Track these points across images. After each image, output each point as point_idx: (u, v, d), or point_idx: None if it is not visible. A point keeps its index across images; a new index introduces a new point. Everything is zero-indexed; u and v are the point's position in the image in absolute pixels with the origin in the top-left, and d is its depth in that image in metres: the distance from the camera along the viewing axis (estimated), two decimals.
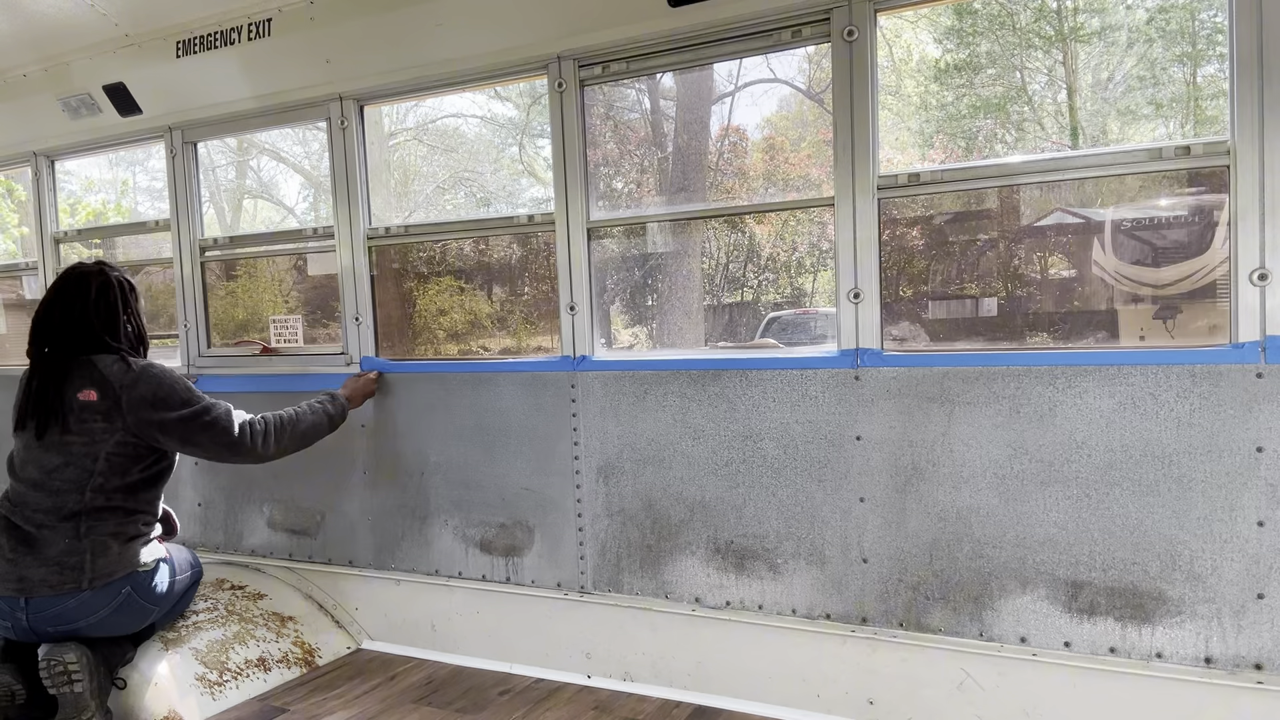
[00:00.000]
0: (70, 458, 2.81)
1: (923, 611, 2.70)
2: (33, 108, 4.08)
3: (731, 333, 10.69)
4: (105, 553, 2.79)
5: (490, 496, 3.36)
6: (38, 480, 2.83)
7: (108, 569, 2.78)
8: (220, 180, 19.19)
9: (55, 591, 2.72)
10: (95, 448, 2.82)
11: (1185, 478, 2.38)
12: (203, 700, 2.97)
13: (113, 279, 2.99)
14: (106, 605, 2.79)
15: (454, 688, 3.15)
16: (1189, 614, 2.40)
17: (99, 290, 2.95)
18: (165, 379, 2.91)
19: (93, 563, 2.76)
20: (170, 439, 2.90)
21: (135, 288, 3.07)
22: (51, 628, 2.77)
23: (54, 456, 2.82)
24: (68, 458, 2.81)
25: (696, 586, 3.02)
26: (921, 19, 13.37)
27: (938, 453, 2.64)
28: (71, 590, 2.73)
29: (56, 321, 2.93)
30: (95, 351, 2.91)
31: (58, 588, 2.72)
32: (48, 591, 2.72)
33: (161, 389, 2.88)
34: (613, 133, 11.37)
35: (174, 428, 2.87)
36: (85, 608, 2.76)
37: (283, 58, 3.47)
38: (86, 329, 2.91)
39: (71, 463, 2.81)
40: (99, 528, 2.80)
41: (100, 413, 2.83)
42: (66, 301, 2.93)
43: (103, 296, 2.95)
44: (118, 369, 2.87)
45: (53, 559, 2.74)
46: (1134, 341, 2.97)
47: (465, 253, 5.24)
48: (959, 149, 12.59)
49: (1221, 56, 12.05)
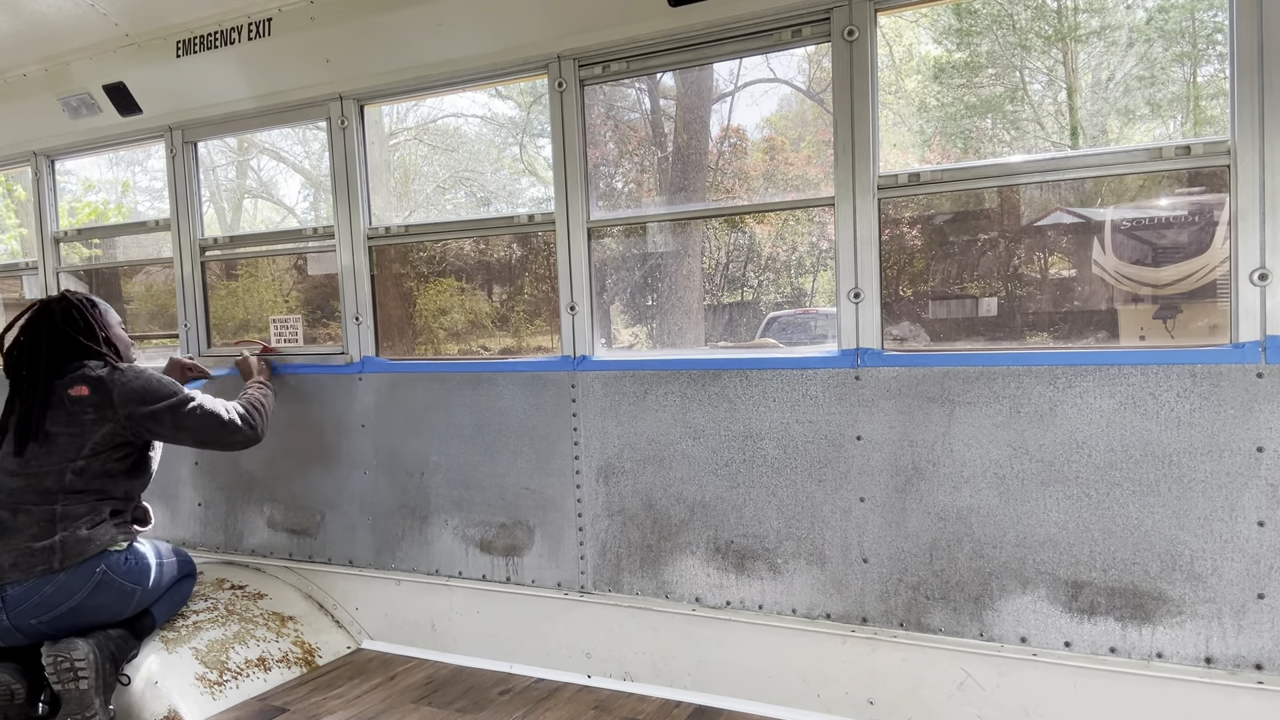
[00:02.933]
0: (56, 447, 2.92)
1: (923, 611, 2.70)
2: (33, 108, 4.08)
3: (732, 332, 10.69)
4: (74, 533, 2.86)
5: (490, 496, 3.36)
6: (13, 469, 2.93)
7: (78, 549, 2.84)
8: (220, 180, 19.19)
9: (28, 577, 2.77)
10: (82, 437, 2.94)
11: (1185, 478, 2.38)
12: (203, 700, 2.97)
13: (74, 300, 3.12)
14: (83, 586, 2.83)
15: (454, 687, 3.15)
16: (1189, 614, 2.40)
17: (63, 312, 3.08)
18: (153, 376, 3.09)
19: (63, 545, 2.83)
20: (162, 427, 3.04)
21: (98, 304, 3.20)
22: (35, 619, 2.78)
23: (41, 446, 2.93)
24: (53, 447, 2.92)
25: (697, 586, 3.02)
26: (921, 19, 13.38)
27: (938, 453, 2.64)
28: (44, 573, 2.79)
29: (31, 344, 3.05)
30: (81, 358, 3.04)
31: (28, 571, 2.78)
32: (19, 576, 2.78)
33: (150, 384, 3.05)
34: (613, 132, 11.37)
35: (165, 415, 3.02)
36: (62, 591, 2.80)
37: (283, 57, 3.47)
38: (67, 342, 3.04)
39: (55, 451, 2.91)
40: (73, 510, 2.88)
41: (92, 405, 2.95)
42: (33, 325, 3.07)
43: (68, 317, 3.08)
44: (107, 369, 3.03)
45: (23, 545, 2.81)
46: (1134, 341, 2.98)
47: (465, 252, 5.24)
48: (958, 149, 12.60)
49: (1221, 56, 12.05)
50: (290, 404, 3.71)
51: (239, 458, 3.83)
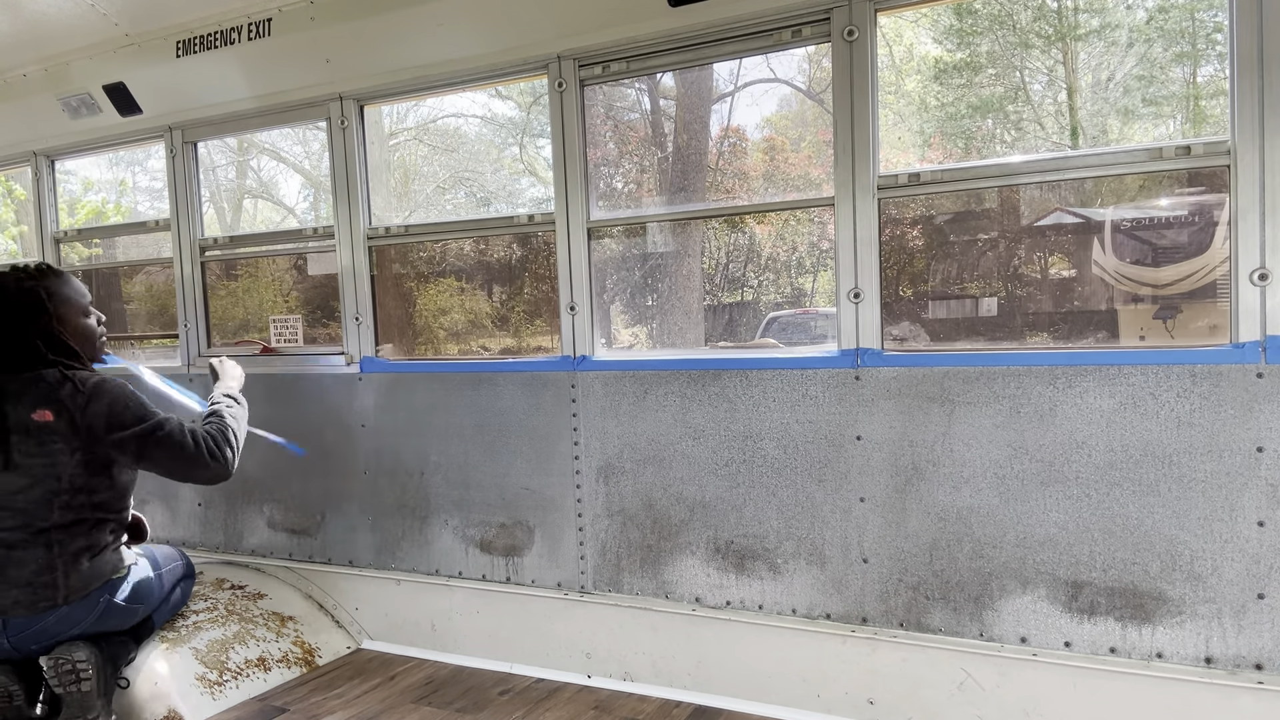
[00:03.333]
0: (34, 478, 2.72)
1: (923, 611, 2.70)
2: (33, 108, 4.08)
3: (731, 333, 10.69)
4: (77, 568, 2.74)
5: (490, 496, 3.36)
6: (2, 502, 2.74)
7: (81, 583, 2.75)
8: (220, 180, 19.19)
9: (31, 611, 2.69)
10: (57, 469, 2.73)
11: (1185, 478, 2.38)
12: (203, 700, 2.97)
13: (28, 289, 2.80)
14: (87, 616, 2.77)
15: (454, 688, 3.15)
16: (1189, 614, 2.40)
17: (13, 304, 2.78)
18: (119, 397, 2.79)
19: (66, 580, 2.72)
20: (126, 456, 2.79)
21: (56, 294, 2.84)
22: (35, 645, 2.75)
23: (17, 478, 2.72)
24: (32, 478, 2.72)
25: (697, 586, 3.02)
26: (921, 19, 13.38)
27: (938, 453, 2.64)
28: (48, 608, 2.71)
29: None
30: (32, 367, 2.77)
31: (32, 607, 2.69)
32: (23, 612, 2.69)
33: (115, 406, 2.77)
34: (613, 132, 11.37)
35: (130, 445, 2.77)
36: (66, 621, 2.74)
37: (283, 57, 3.47)
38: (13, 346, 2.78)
39: (36, 483, 2.72)
40: (70, 543, 2.74)
41: (59, 433, 2.72)
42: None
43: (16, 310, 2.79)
44: (69, 389, 2.74)
45: (24, 580, 2.69)
46: (1134, 341, 2.97)
47: (465, 252, 5.24)
48: (958, 149, 12.60)
49: (1221, 56, 12.05)
50: (290, 404, 3.71)
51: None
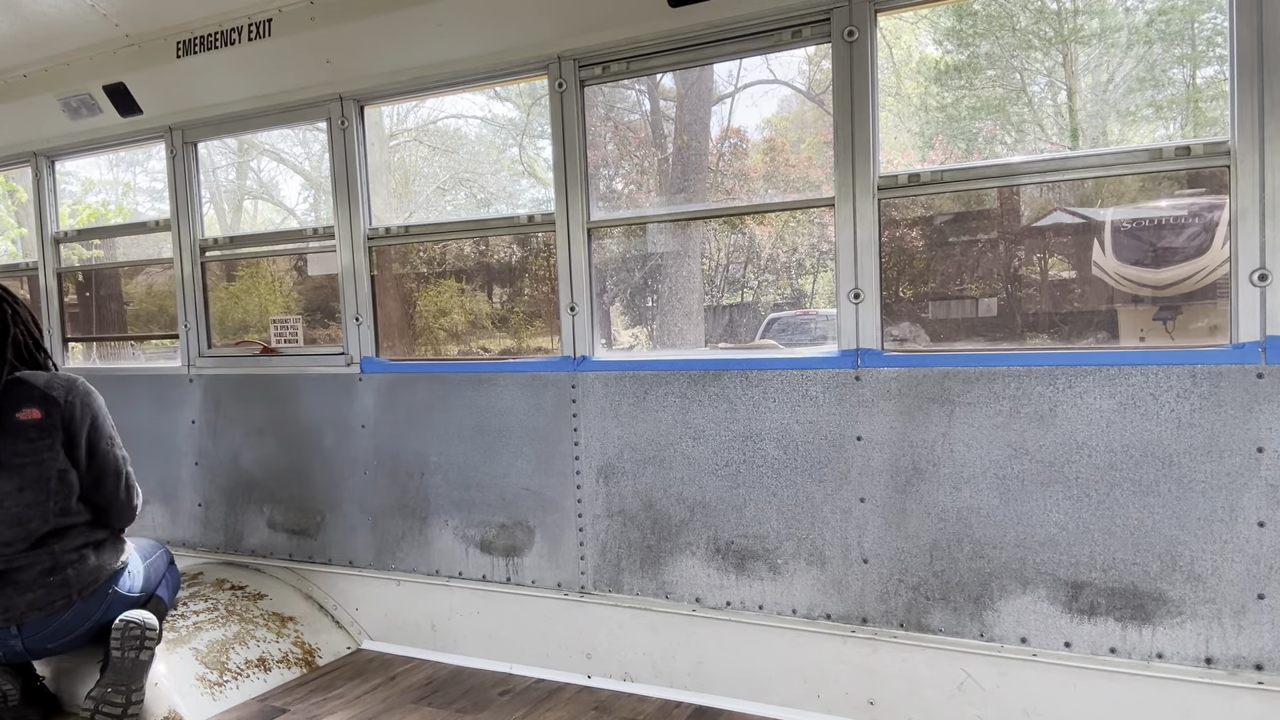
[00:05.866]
0: (25, 481, 2.73)
1: (923, 612, 2.70)
2: (33, 108, 4.08)
3: (732, 333, 10.69)
4: (84, 563, 2.82)
5: (490, 497, 3.36)
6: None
7: (91, 577, 2.82)
8: (220, 181, 19.19)
9: (46, 612, 2.74)
10: (46, 469, 2.75)
11: (1186, 478, 2.38)
12: (203, 700, 2.97)
13: None
14: (98, 608, 2.85)
15: (454, 688, 3.14)
16: (1189, 614, 2.40)
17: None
18: (102, 409, 2.92)
19: (77, 576, 2.79)
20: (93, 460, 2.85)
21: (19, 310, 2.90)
22: (52, 643, 2.81)
23: (7, 481, 2.72)
24: (22, 481, 2.72)
25: (697, 587, 3.02)
26: (921, 20, 13.38)
27: (938, 453, 2.64)
28: (63, 607, 2.77)
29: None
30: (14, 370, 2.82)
31: (47, 608, 2.74)
32: (38, 615, 2.73)
33: (99, 416, 2.89)
34: (613, 133, 11.37)
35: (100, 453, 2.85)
36: (80, 615, 2.81)
37: (283, 58, 3.47)
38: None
39: (27, 486, 2.73)
40: (71, 543, 2.81)
41: (46, 429, 2.75)
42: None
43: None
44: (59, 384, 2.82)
45: (34, 583, 2.73)
46: (1134, 342, 2.97)
47: (465, 253, 5.24)
48: (959, 150, 12.60)
49: (1221, 58, 12.05)
50: (290, 404, 3.72)
51: (239, 456, 3.84)
